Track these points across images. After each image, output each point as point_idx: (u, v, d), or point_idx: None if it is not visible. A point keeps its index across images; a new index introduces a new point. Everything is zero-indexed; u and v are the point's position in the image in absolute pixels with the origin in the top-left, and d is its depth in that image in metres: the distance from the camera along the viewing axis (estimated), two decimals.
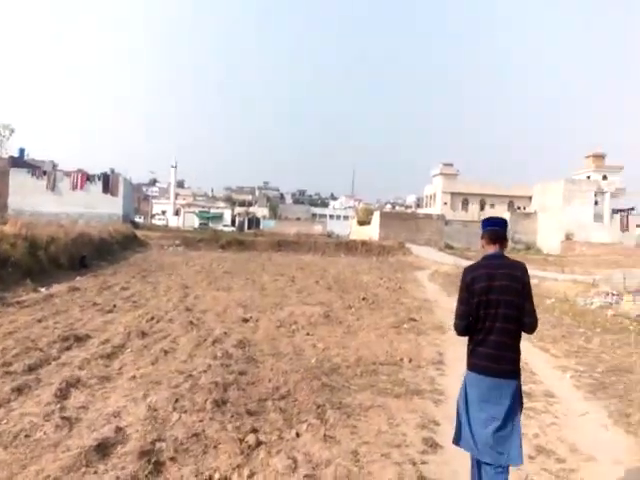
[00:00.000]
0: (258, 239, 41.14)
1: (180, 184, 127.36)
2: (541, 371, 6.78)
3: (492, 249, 3.12)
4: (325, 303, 11.94)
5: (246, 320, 9.45)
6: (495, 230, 3.14)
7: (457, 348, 7.84)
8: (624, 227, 52.28)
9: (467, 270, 3.13)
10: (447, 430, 4.42)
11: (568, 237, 49.94)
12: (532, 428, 4.54)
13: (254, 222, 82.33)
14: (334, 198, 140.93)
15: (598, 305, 15.44)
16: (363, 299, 12.92)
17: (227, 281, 16.27)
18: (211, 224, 74.98)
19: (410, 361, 6.88)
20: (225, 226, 75.30)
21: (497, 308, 2.94)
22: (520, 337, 3.05)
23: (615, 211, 52.53)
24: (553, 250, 47.34)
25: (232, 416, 4.34)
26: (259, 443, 3.82)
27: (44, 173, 49.20)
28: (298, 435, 4.08)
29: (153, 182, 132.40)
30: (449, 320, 11.23)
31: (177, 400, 4.55)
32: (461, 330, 3.10)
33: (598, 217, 51.39)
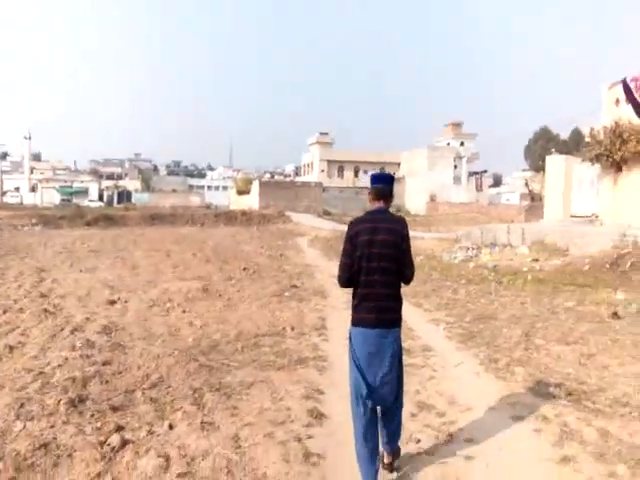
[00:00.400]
0: (129, 213, 38.34)
1: (36, 157, 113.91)
2: (417, 326, 7.02)
3: (377, 204, 3.22)
4: (204, 277, 11.35)
5: (113, 302, 8.58)
6: (381, 188, 3.24)
7: (338, 312, 7.87)
8: (478, 188, 58.10)
9: (351, 224, 3.20)
10: (332, 398, 4.31)
11: (432, 198, 54.00)
12: (413, 385, 4.60)
13: (125, 196, 76.90)
14: (212, 169, 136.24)
15: (461, 259, 16.73)
16: (244, 269, 12.53)
17: (92, 261, 14.80)
18: (75, 200, 68.66)
19: (293, 329, 6.71)
20: (91, 201, 69.44)
21: (379, 261, 3.04)
22: (400, 287, 3.19)
23: (471, 174, 58.00)
24: (420, 211, 50.88)
25: (92, 415, 3.77)
26: (124, 443, 3.34)
27: None
28: (171, 427, 3.65)
29: (3, 156, 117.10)
30: (330, 285, 11.38)
31: (22, 405, 3.84)
32: (344, 282, 3.17)
33: (457, 180, 56.29)
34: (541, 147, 77.10)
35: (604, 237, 14.34)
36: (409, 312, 8.10)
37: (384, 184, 3.27)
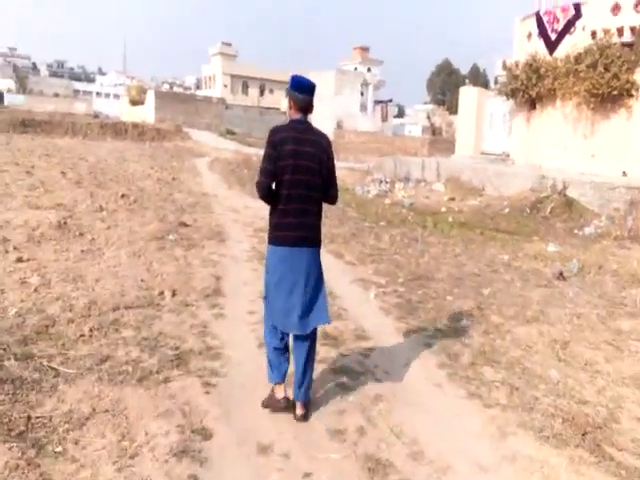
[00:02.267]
0: None
1: None
2: (342, 290, 5.47)
3: (299, 115, 2.95)
4: (66, 205, 8.83)
5: None
6: (306, 99, 2.95)
7: (240, 266, 6.07)
8: (384, 117, 57.22)
9: (275, 130, 2.91)
10: (225, 450, 2.61)
11: (339, 125, 52.31)
12: (354, 420, 3.00)
13: None
14: (102, 74, 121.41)
15: (375, 193, 15.48)
16: (122, 196, 10.09)
17: None
18: None
19: (174, 295, 4.83)
20: None
21: (303, 174, 2.83)
22: (322, 205, 3.00)
23: (377, 102, 56.68)
24: None
25: None
26: None
27: None
28: None
29: None
30: (231, 223, 9.34)
31: None
32: (265, 190, 2.86)
33: (363, 107, 54.74)
34: (442, 81, 77.64)
35: (521, 178, 13.70)
36: (329, 264, 6.50)
37: (309, 95, 2.97)
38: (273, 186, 2.85)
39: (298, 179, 2.82)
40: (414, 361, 3.81)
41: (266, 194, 2.85)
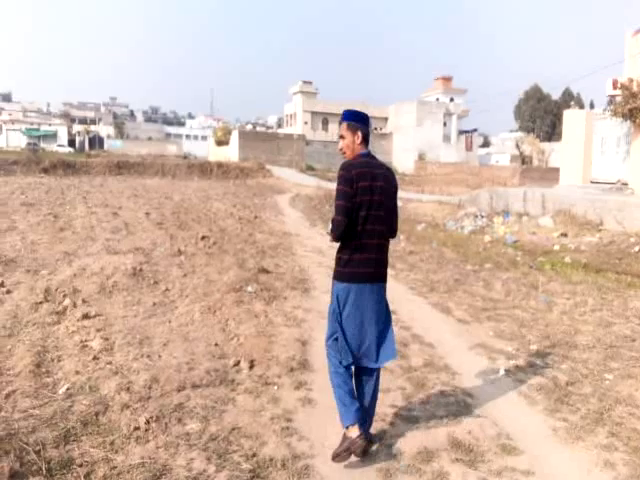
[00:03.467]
0: (93, 160, 34.58)
1: (6, 97, 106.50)
2: (460, 362, 4.29)
3: (364, 149, 2.90)
4: (144, 249, 8.42)
5: None
6: (366, 130, 2.90)
7: None
8: (468, 147, 55.17)
9: (349, 166, 2.80)
10: None
11: (421, 157, 50.96)
12: None
13: (97, 142, 72.14)
14: (192, 117, 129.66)
15: (470, 230, 14.06)
16: (202, 238, 9.60)
17: (17, 217, 11.72)
18: (43, 144, 63.99)
19: (251, 366, 3.93)
20: (60, 146, 64.61)
21: (378, 210, 2.79)
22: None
23: (461, 132, 54.75)
24: (407, 170, 47.96)
25: None
26: None
27: None
28: None
29: None
30: (314, 266, 8.47)
31: None
32: (342, 228, 2.73)
33: (446, 138, 53.05)
34: (532, 107, 73.91)
35: None
36: (436, 323, 5.40)
37: (367, 125, 2.92)
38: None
39: (373, 215, 2.78)
40: None
41: (339, 237, 2.78)
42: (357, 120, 2.89)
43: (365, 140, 2.88)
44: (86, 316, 5.01)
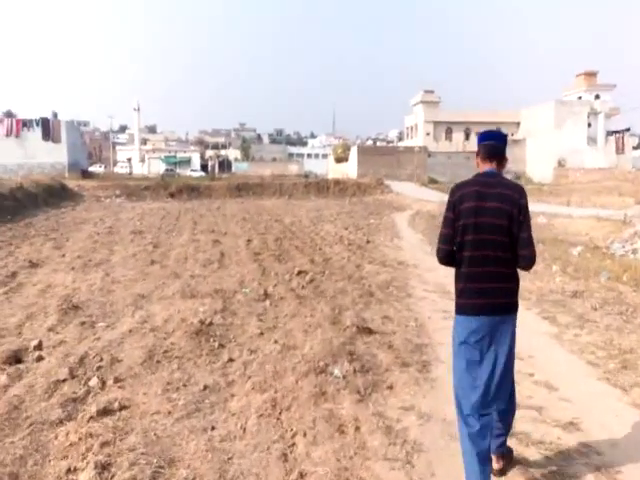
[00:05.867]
0: (215, 184, 35.63)
1: (152, 129, 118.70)
2: None
3: (487, 166, 2.72)
4: (225, 291, 6.98)
5: (19, 360, 4.50)
6: (492, 145, 2.73)
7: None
8: (620, 149, 47.68)
9: (456, 187, 2.70)
10: None
11: (561, 164, 45.21)
12: None
13: (225, 165, 76.35)
14: (314, 137, 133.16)
15: None
16: (299, 274, 7.97)
17: (118, 248, 11.22)
18: (179, 169, 69.06)
19: None
20: (193, 171, 69.24)
21: (488, 233, 2.54)
22: (516, 267, 2.60)
23: (610, 133, 47.70)
24: (545, 179, 42.76)
25: None
26: None
27: None
28: None
29: (123, 129, 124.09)
30: (438, 318, 5.41)
31: None
32: (442, 257, 2.70)
33: (591, 140, 46.53)
34: None
35: None
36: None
37: (496, 141, 2.74)
38: (454, 248, 2.63)
39: (482, 239, 2.54)
40: None
41: (445, 262, 2.70)
42: (479, 138, 2.77)
43: (486, 156, 2.71)
44: (105, 411, 3.50)
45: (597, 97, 52.04)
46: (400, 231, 15.21)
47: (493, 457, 2.70)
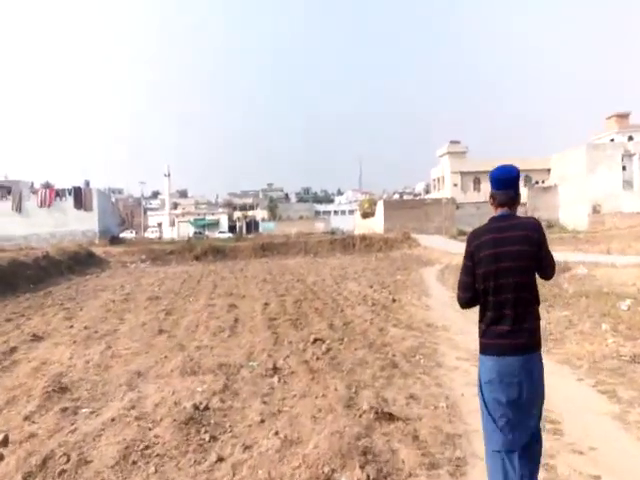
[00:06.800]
0: (240, 245, 35.51)
1: (183, 194, 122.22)
2: None
3: (501, 210, 2.73)
4: (230, 365, 6.23)
5: None
6: (505, 193, 2.70)
7: None
8: None
9: (472, 236, 2.76)
10: None
11: (596, 210, 43.57)
12: None
13: (252, 226, 77.16)
14: (341, 193, 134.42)
15: None
16: (314, 342, 7.18)
17: (130, 315, 10.69)
18: (207, 232, 70.09)
19: None
20: (221, 233, 70.13)
21: (510, 277, 2.55)
22: (536, 305, 2.65)
23: None
24: (579, 226, 41.07)
25: None
26: None
27: (8, 193, 44.81)
28: None
29: (155, 195, 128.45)
30: (472, 396, 4.95)
31: None
32: (463, 305, 2.78)
33: (628, 184, 44.95)
34: None
35: None
36: None
37: (505, 188, 2.71)
38: (474, 294, 2.69)
39: (504, 283, 2.56)
40: None
41: (466, 307, 2.78)
42: (491, 182, 2.76)
43: (500, 203, 2.72)
44: None
45: (630, 138, 50.90)
46: (429, 288, 14.29)
47: None
